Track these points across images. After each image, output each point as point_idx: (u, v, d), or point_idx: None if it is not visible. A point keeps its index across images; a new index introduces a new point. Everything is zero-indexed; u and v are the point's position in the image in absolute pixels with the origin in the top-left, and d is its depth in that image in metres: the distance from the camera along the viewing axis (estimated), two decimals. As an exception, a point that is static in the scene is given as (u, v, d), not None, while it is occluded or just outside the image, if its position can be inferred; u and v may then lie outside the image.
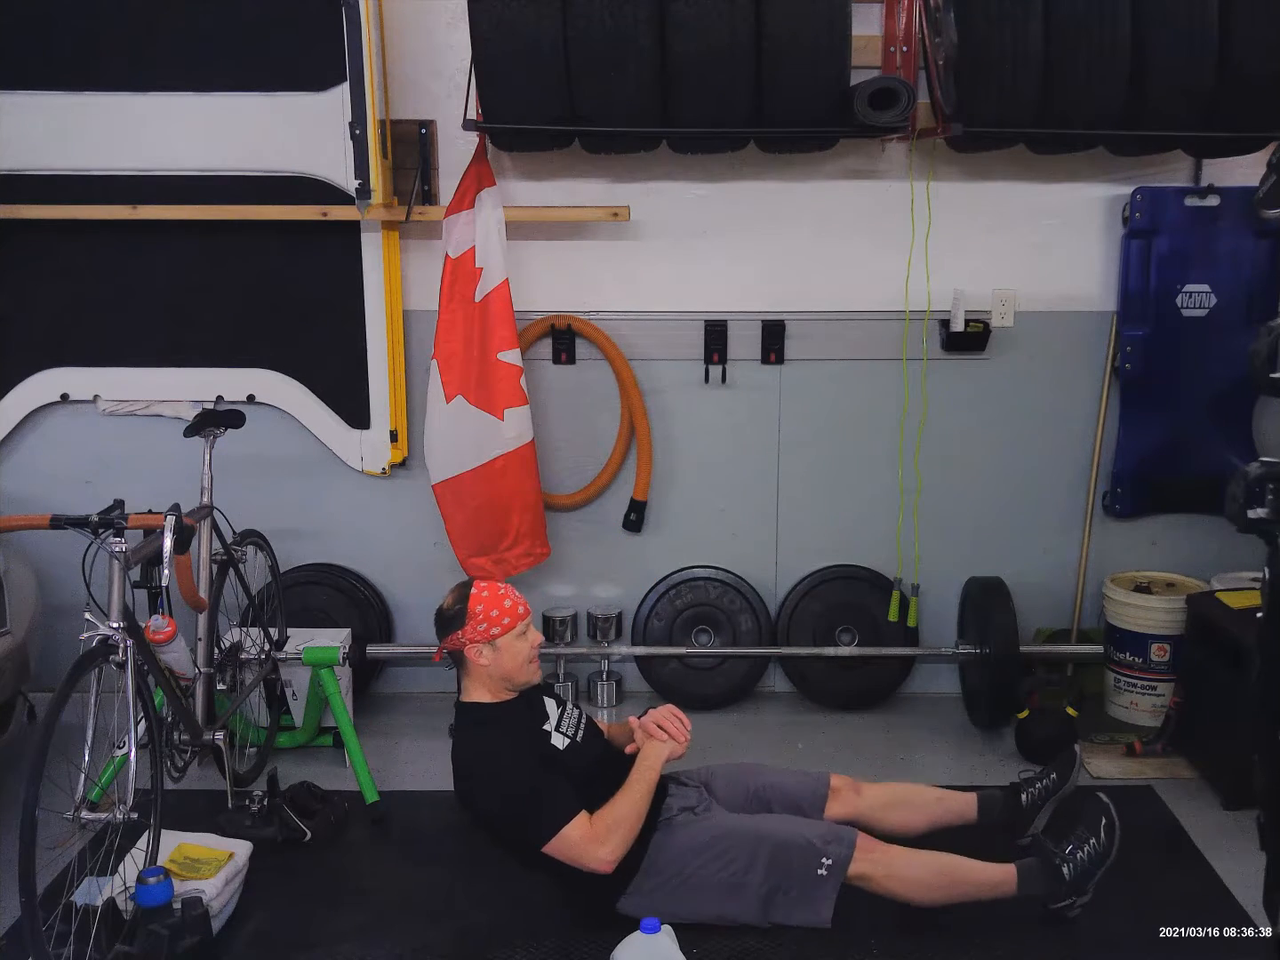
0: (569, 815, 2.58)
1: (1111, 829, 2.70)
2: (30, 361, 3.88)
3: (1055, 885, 2.68)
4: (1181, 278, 3.77)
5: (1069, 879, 2.67)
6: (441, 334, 3.61)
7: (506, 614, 2.72)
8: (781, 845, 2.67)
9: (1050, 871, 2.68)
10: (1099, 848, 2.69)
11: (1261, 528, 2.12)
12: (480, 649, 2.72)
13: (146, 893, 2.56)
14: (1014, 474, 4.01)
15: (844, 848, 2.66)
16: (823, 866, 2.64)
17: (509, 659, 2.73)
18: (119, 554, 2.63)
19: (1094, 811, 2.76)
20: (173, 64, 3.60)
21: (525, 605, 2.78)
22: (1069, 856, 2.69)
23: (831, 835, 2.69)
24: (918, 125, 3.55)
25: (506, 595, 2.76)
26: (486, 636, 2.71)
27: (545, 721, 2.81)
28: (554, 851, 2.59)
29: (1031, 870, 2.69)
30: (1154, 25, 3.21)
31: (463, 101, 3.49)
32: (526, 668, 2.76)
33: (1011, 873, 2.69)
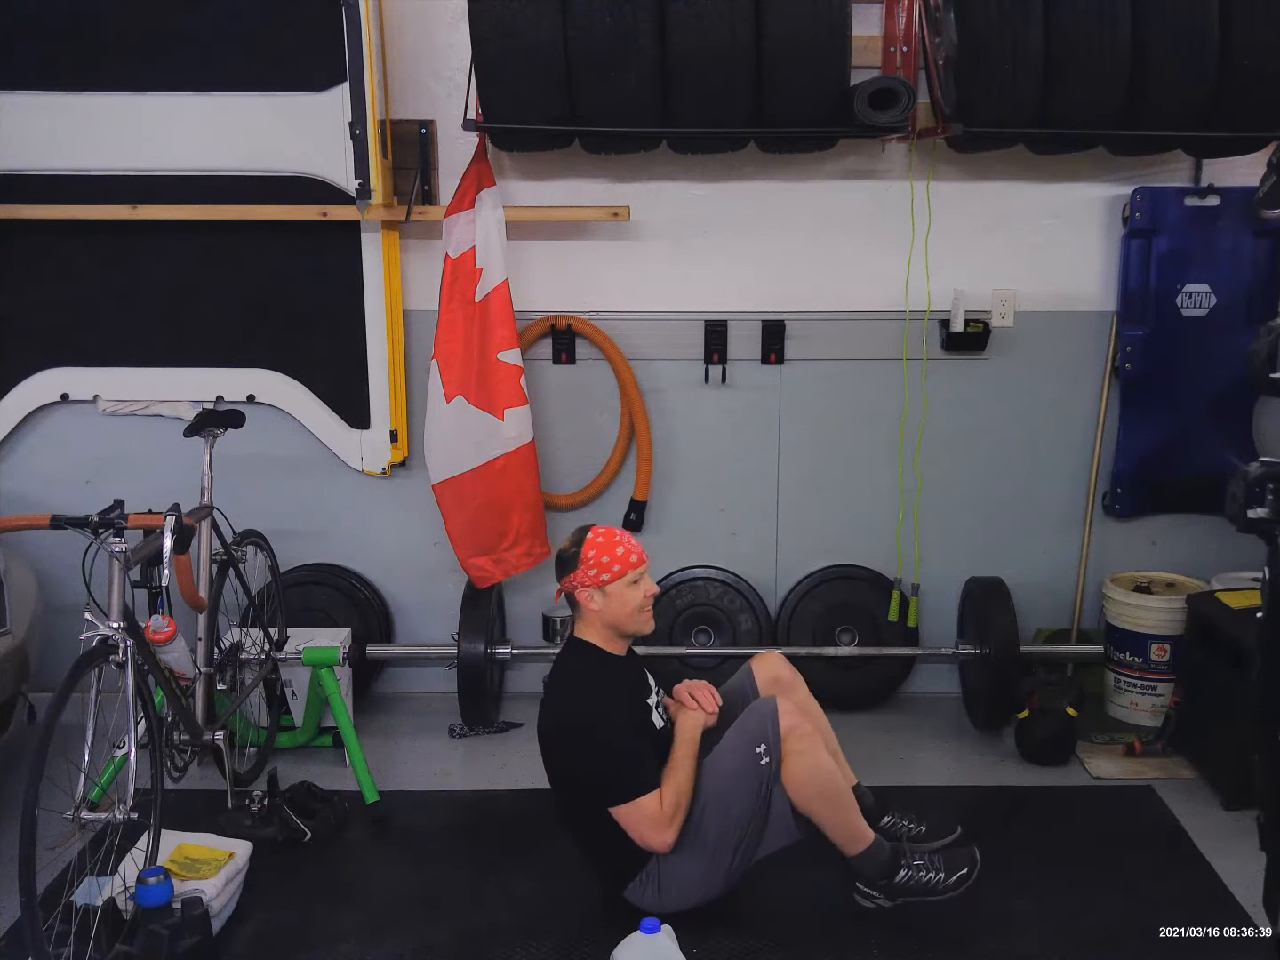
0: (650, 787, 2.62)
1: (962, 883, 2.69)
2: (30, 361, 3.88)
3: (881, 877, 2.70)
4: (1181, 278, 3.77)
5: (895, 882, 2.69)
6: (441, 334, 3.61)
7: (618, 561, 2.73)
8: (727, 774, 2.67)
9: (890, 867, 2.70)
10: (939, 885, 2.69)
11: (1261, 528, 2.13)
12: (591, 594, 2.75)
13: (146, 893, 2.56)
14: (1014, 474, 4.01)
15: (767, 718, 2.65)
16: (761, 755, 2.63)
17: (619, 606, 2.75)
18: (119, 554, 2.63)
19: (965, 859, 2.73)
20: (173, 64, 3.60)
21: (640, 554, 2.78)
22: (913, 867, 2.70)
23: (753, 723, 2.67)
24: (918, 125, 3.55)
25: (621, 543, 2.76)
26: (597, 582, 2.73)
27: (649, 695, 2.85)
28: (622, 815, 2.62)
29: (880, 851, 2.70)
30: (1154, 25, 3.21)
31: (463, 101, 3.49)
32: (637, 616, 2.77)
33: (869, 840, 2.69)
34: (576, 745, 2.69)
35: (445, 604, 3.97)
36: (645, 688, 2.86)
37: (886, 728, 3.93)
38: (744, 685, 2.96)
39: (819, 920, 2.79)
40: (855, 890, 2.74)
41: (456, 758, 3.74)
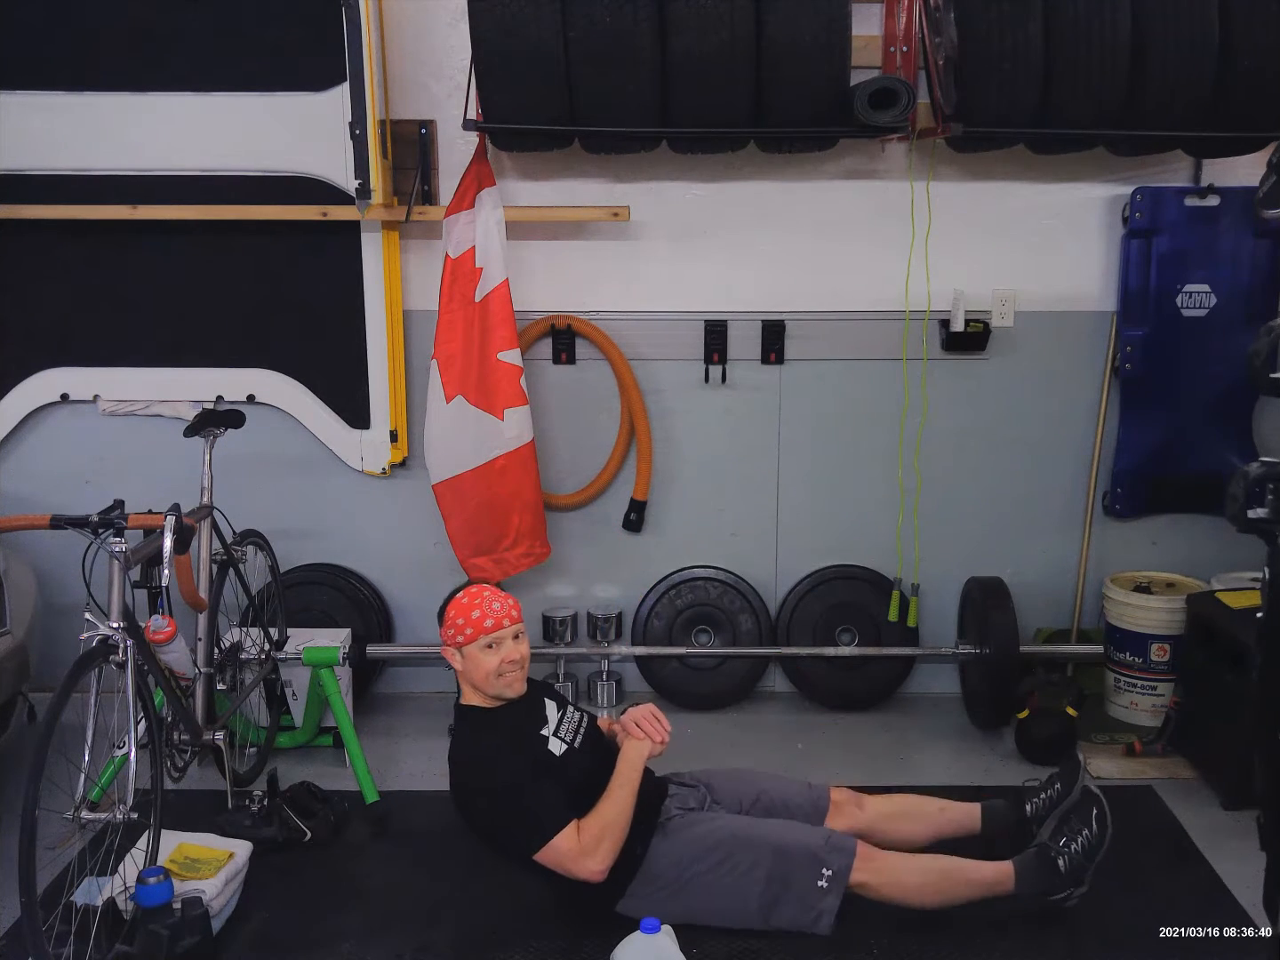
0: (558, 826, 2.57)
1: (1103, 818, 2.71)
2: (30, 361, 3.88)
3: (1053, 879, 2.68)
4: (1181, 278, 3.77)
5: (1065, 871, 2.68)
6: (441, 334, 3.61)
7: (470, 624, 2.70)
8: (783, 852, 2.66)
9: (1047, 865, 2.69)
10: (1092, 838, 2.70)
11: (1261, 528, 2.12)
12: (453, 653, 2.75)
13: (146, 893, 2.56)
14: (1014, 474, 4.01)
15: (845, 857, 2.65)
16: (824, 877, 2.63)
17: (474, 669, 2.72)
18: (119, 554, 2.63)
19: (1085, 802, 2.77)
20: (173, 64, 3.60)
21: (498, 619, 2.71)
22: (1063, 849, 2.70)
23: (833, 844, 2.68)
24: (918, 125, 3.55)
25: (477, 606, 2.72)
26: (454, 643, 2.73)
27: (543, 726, 2.80)
28: (544, 861, 2.59)
29: (1028, 866, 2.69)
30: (1154, 25, 3.21)
31: (463, 101, 3.49)
32: (494, 681, 2.71)
33: (1008, 870, 2.69)
34: (479, 811, 2.68)
35: (445, 604, 3.97)
36: (539, 719, 2.80)
37: (886, 728, 3.93)
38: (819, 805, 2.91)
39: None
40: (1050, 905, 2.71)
41: (456, 758, 3.74)
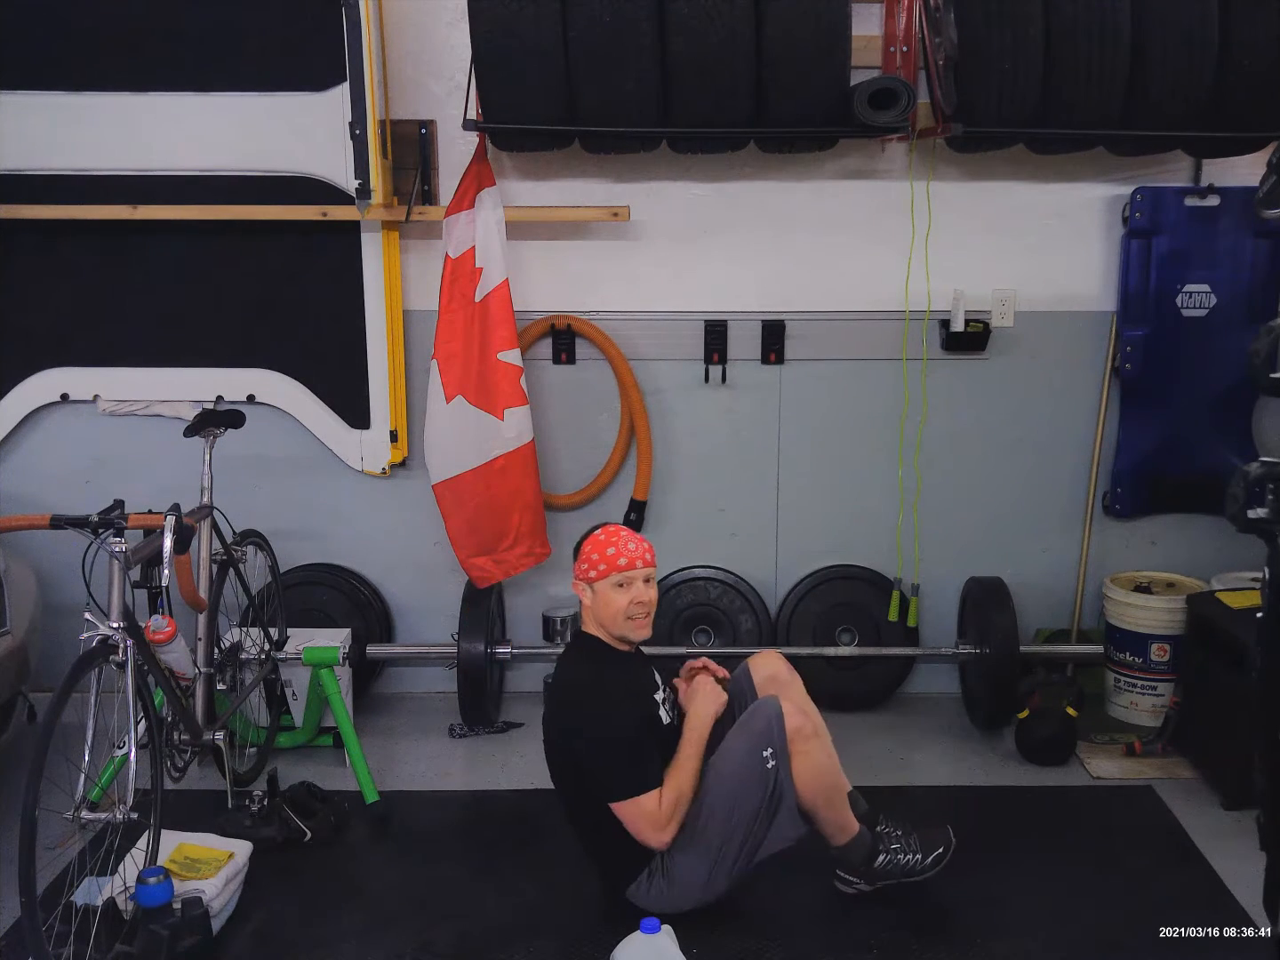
0: (652, 784, 2.62)
1: (938, 863, 2.78)
2: (30, 361, 3.88)
3: (860, 863, 2.78)
4: (1181, 278, 3.77)
5: (875, 867, 2.77)
6: (441, 334, 3.61)
7: (605, 560, 2.74)
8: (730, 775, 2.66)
9: (868, 852, 2.76)
10: (916, 866, 2.77)
11: (1261, 528, 2.12)
12: (584, 588, 2.79)
13: (146, 893, 2.56)
14: (1014, 474, 4.01)
15: (772, 721, 2.64)
16: (768, 759, 2.62)
17: (603, 606, 2.76)
18: (119, 554, 2.63)
19: (940, 839, 2.80)
20: (173, 64, 3.60)
21: (631, 559, 2.73)
22: (892, 851, 2.77)
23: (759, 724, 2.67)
24: (918, 125, 3.55)
25: (614, 544, 2.75)
26: (586, 578, 2.77)
27: (656, 691, 2.84)
28: (622, 812, 2.62)
29: (864, 840, 2.77)
30: (1154, 25, 3.21)
31: (463, 101, 3.49)
32: (621, 621, 2.75)
33: (854, 830, 2.76)
34: (581, 739, 2.69)
35: (445, 604, 3.97)
36: (653, 684, 2.86)
37: (886, 728, 3.93)
38: (742, 685, 2.96)
39: (819, 920, 2.79)
40: (836, 878, 2.82)
41: (456, 758, 3.74)
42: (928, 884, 2.79)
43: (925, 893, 2.81)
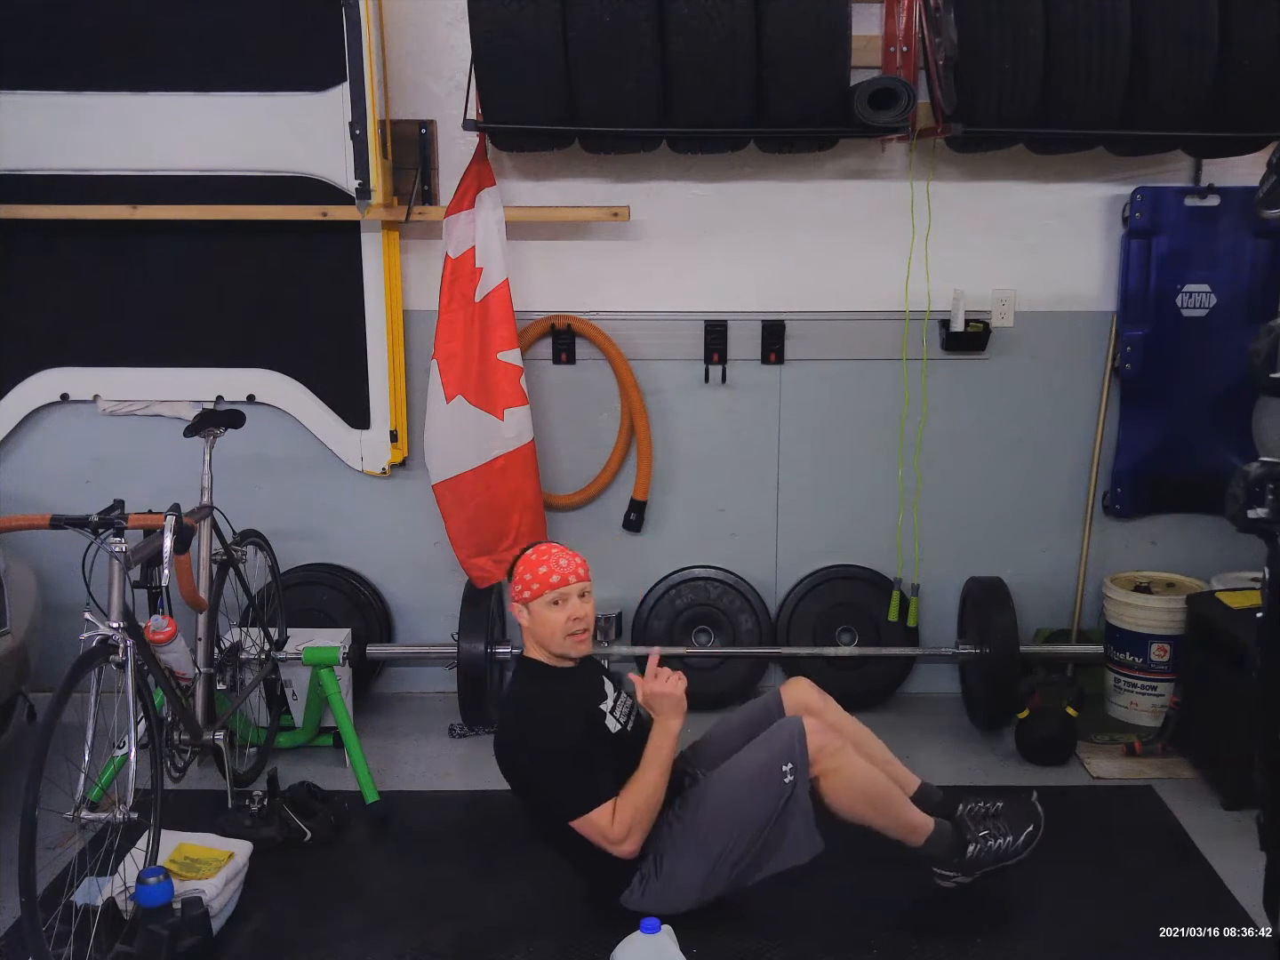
0: (601, 798, 2.59)
1: (1031, 840, 2.75)
2: (30, 361, 3.88)
3: (953, 856, 2.73)
4: (1181, 278, 3.77)
5: (968, 858, 2.73)
6: (441, 334, 3.61)
7: (538, 580, 2.71)
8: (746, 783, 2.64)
9: (957, 844, 2.73)
10: (1008, 849, 2.74)
11: (1261, 528, 2.12)
12: (520, 609, 2.76)
13: (146, 893, 2.56)
14: (1014, 474, 4.01)
15: (795, 737, 2.63)
16: (786, 772, 2.61)
17: (541, 626, 2.73)
18: (119, 554, 2.63)
19: (1028, 816, 2.79)
20: (173, 64, 3.60)
21: (566, 575, 2.71)
22: (981, 839, 2.73)
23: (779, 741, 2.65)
24: (918, 125, 3.55)
25: (544, 562, 2.72)
26: (520, 598, 2.74)
27: (603, 701, 2.81)
28: (579, 828, 2.60)
29: (944, 834, 2.74)
30: (1154, 25, 3.21)
31: (463, 101, 3.49)
32: (560, 639, 2.72)
33: (929, 827, 2.73)
34: (525, 762, 2.67)
35: (445, 604, 3.97)
36: (599, 693, 2.82)
37: (887, 728, 3.87)
38: (770, 705, 2.93)
39: (819, 920, 2.78)
40: (934, 875, 2.76)
41: (456, 758, 3.74)
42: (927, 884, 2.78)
43: (925, 892, 2.80)
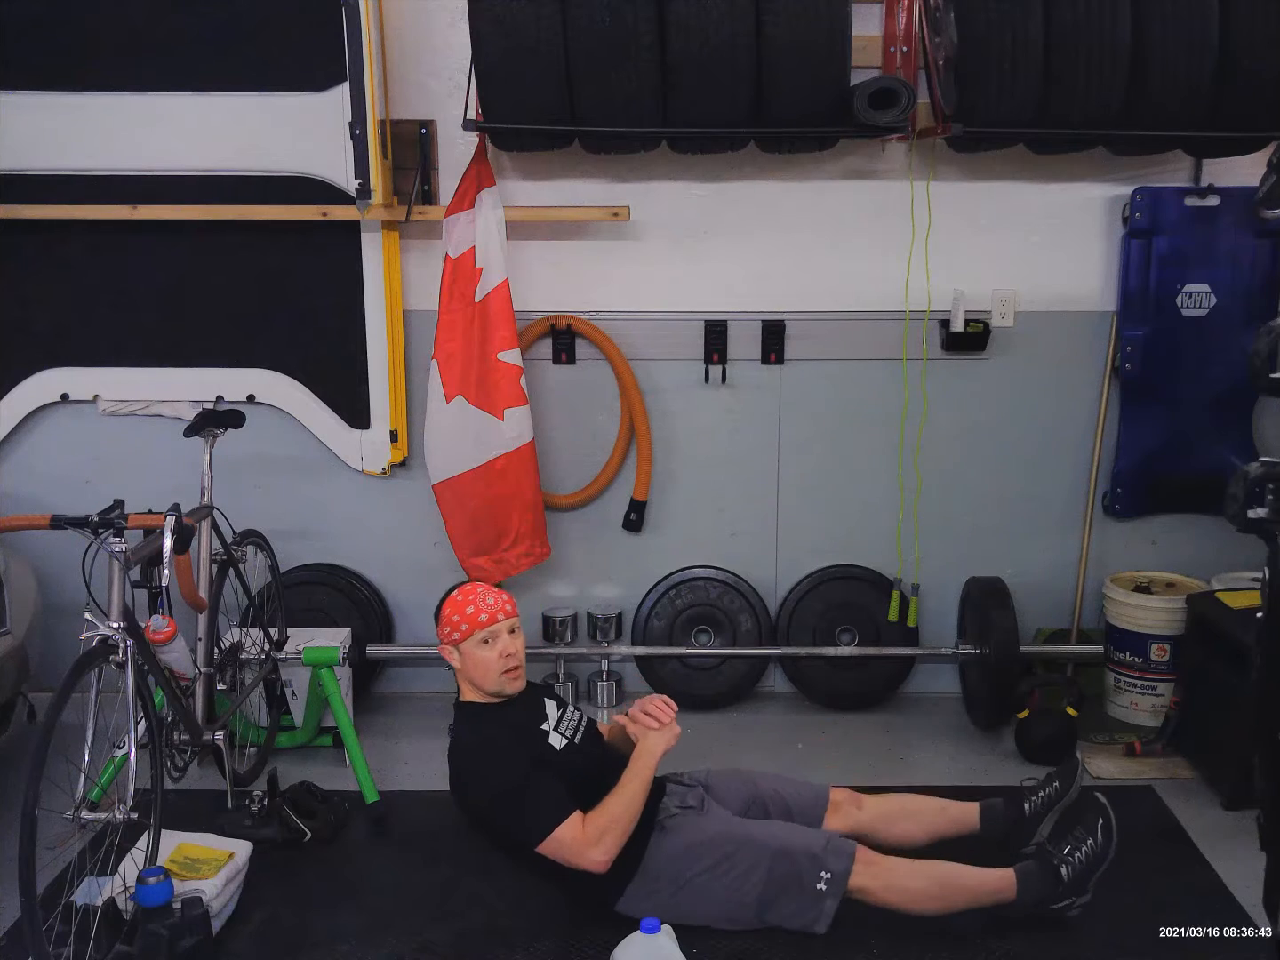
0: (562, 815, 2.57)
1: (1109, 828, 2.69)
2: (30, 361, 3.88)
3: (1055, 887, 2.66)
4: (1181, 278, 3.77)
5: (1068, 879, 2.66)
6: (441, 334, 3.61)
7: (466, 620, 2.71)
8: (783, 853, 2.65)
9: (1049, 873, 2.67)
10: (1096, 848, 2.68)
11: (1261, 528, 2.13)
12: (450, 651, 2.76)
13: (146, 893, 2.56)
14: (1014, 474, 4.01)
15: (844, 860, 2.64)
16: (822, 880, 2.62)
17: (473, 666, 2.73)
18: (119, 554, 2.63)
19: (1091, 811, 2.75)
20: (173, 64, 3.60)
21: (492, 614, 2.73)
22: (1067, 857, 2.68)
23: (833, 847, 2.67)
24: (918, 125, 3.55)
25: (471, 602, 2.73)
26: (450, 640, 2.74)
27: (544, 721, 2.81)
28: (547, 851, 2.59)
29: (1030, 874, 2.68)
30: (1154, 25, 3.21)
31: (463, 101, 3.49)
32: (495, 677, 2.73)
33: (1011, 878, 2.67)
34: (481, 804, 2.68)
35: (445, 604, 3.97)
36: (539, 716, 2.81)
37: (886, 728, 3.93)
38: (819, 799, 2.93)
39: (819, 920, 2.79)
40: (1051, 914, 2.69)
41: (456, 758, 3.74)
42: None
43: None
